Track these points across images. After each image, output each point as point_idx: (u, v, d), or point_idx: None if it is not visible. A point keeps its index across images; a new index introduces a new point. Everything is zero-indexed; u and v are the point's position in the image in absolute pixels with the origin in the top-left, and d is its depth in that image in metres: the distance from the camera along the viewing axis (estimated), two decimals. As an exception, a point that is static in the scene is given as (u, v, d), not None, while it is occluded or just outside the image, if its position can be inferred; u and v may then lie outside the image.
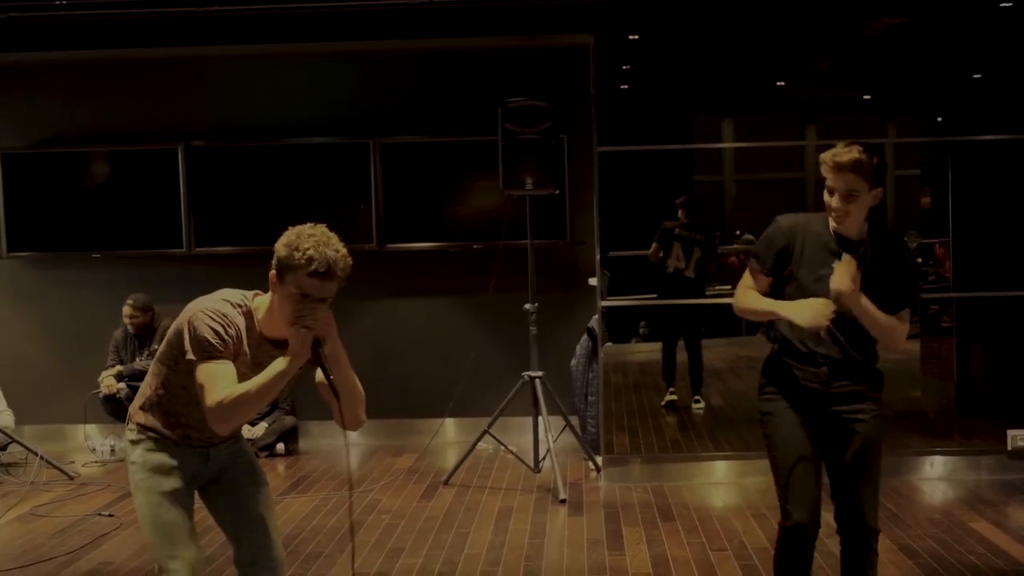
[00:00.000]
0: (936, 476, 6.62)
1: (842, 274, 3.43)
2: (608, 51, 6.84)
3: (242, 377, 3.08)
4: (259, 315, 3.13)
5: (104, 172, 8.06)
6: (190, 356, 3.03)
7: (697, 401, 7.17)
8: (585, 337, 7.41)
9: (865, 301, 3.46)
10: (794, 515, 3.61)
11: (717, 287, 7.05)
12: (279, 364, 2.99)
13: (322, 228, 3.02)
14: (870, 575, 3.68)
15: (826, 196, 3.52)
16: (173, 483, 3.22)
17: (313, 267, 2.92)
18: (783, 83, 7.04)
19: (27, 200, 8.02)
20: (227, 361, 3.04)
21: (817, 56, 6.94)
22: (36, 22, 7.17)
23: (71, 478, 7.02)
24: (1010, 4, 6.56)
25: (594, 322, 7.14)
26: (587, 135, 7.00)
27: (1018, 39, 6.69)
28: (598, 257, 6.84)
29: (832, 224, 3.54)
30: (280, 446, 7.64)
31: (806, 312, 3.43)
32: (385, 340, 8.04)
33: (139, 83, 8.09)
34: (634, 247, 7.09)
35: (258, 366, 3.10)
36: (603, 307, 6.87)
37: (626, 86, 7.01)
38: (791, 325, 3.52)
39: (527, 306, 6.79)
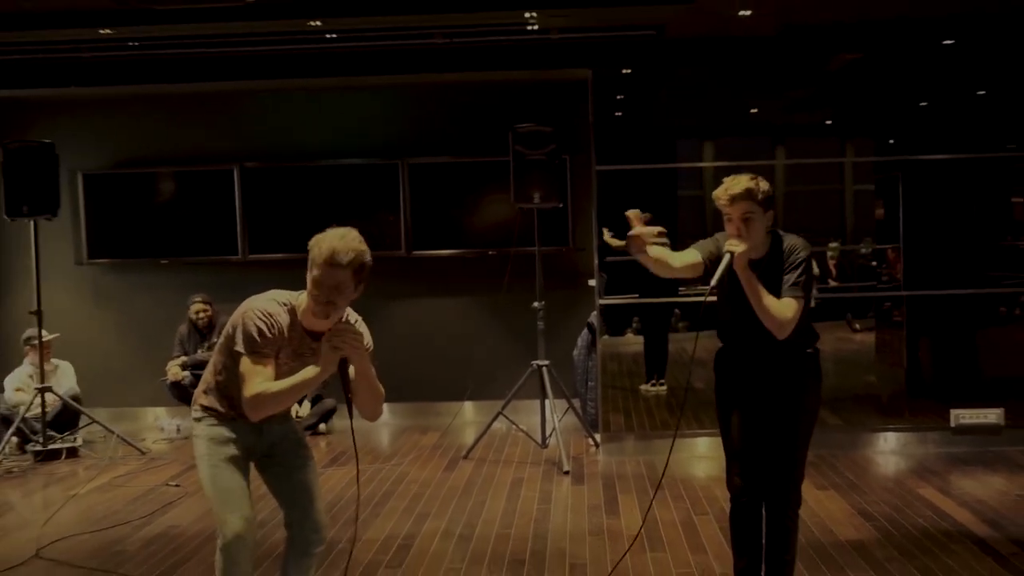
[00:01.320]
0: (889, 450, 6.62)
1: (738, 242, 3.44)
2: (605, 83, 6.85)
3: (284, 365, 3.11)
4: (301, 310, 3.13)
5: (171, 189, 8.12)
6: (238, 348, 3.08)
7: (663, 384, 7.13)
8: (585, 331, 7.41)
9: (751, 274, 3.43)
10: (734, 487, 3.69)
11: (700, 287, 6.98)
12: (309, 372, 3.01)
13: (346, 228, 3.00)
14: (784, 547, 3.65)
15: (726, 226, 3.50)
16: (231, 451, 3.23)
17: (320, 256, 2.94)
18: (756, 110, 7.02)
19: (105, 214, 8.10)
20: (269, 359, 3.06)
21: (787, 86, 6.92)
22: (113, 61, 7.19)
23: (143, 453, 7.06)
24: (952, 42, 6.59)
25: (593, 318, 7.14)
26: (586, 156, 7.00)
27: (958, 72, 6.70)
28: (596, 262, 6.83)
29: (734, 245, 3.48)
30: (322, 425, 7.60)
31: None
32: (412, 334, 8.06)
33: (201, 112, 8.14)
34: (627, 254, 7.02)
35: (299, 356, 3.14)
36: (601, 305, 6.87)
37: (620, 113, 6.99)
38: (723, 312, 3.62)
39: (535, 304, 6.80)
